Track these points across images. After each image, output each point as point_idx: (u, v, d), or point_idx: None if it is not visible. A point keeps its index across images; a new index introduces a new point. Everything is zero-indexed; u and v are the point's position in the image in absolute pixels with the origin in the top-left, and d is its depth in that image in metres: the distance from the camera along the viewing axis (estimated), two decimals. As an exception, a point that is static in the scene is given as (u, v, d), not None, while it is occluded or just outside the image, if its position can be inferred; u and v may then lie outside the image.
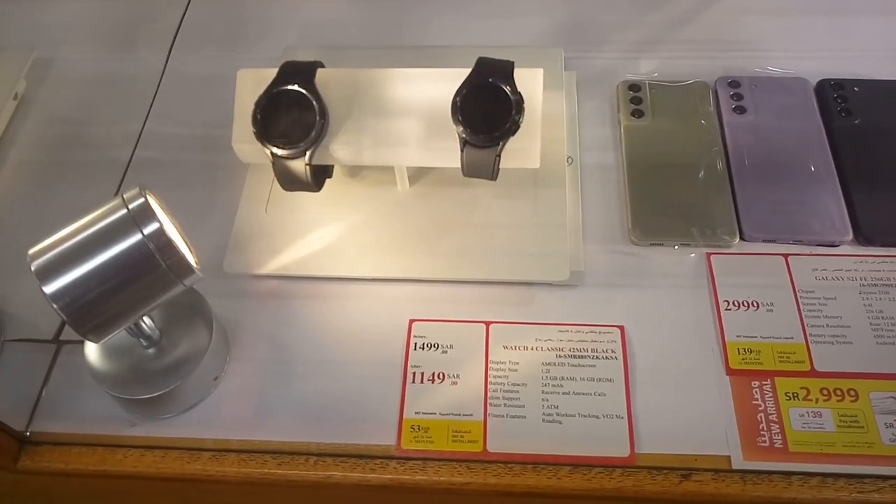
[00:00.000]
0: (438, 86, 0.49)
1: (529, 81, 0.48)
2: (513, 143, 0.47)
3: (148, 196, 0.42)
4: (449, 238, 0.52)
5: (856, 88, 0.60)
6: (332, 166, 0.53)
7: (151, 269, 0.41)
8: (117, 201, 0.41)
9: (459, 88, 0.47)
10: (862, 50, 0.64)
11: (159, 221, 0.41)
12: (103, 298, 0.40)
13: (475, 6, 0.69)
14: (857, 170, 0.55)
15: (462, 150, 0.47)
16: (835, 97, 0.59)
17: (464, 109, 0.46)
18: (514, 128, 0.46)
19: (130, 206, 0.41)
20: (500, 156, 0.46)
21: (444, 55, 0.61)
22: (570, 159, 0.56)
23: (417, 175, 0.55)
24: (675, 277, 0.52)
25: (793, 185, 0.55)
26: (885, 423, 0.46)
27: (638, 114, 0.59)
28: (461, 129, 0.46)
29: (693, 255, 0.53)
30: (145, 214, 0.41)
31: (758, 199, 0.54)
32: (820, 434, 0.45)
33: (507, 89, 0.46)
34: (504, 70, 0.47)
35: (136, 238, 0.40)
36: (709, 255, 0.53)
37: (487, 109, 0.46)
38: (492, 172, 0.47)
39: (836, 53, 0.63)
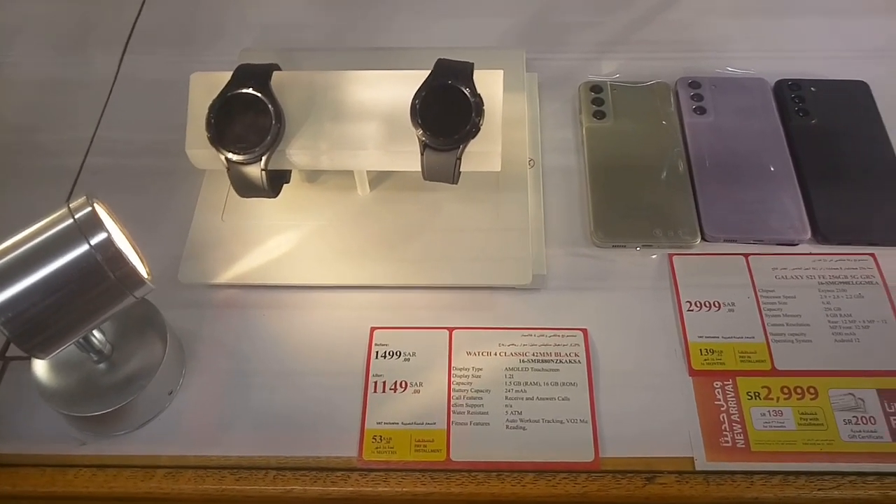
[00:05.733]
0: (397, 88, 0.48)
1: (490, 83, 0.47)
2: (473, 147, 0.46)
3: (96, 205, 0.40)
4: (410, 243, 0.52)
5: (812, 88, 0.60)
6: (290, 171, 0.52)
7: (99, 281, 0.39)
8: (63, 211, 0.40)
9: (418, 91, 0.46)
10: (819, 50, 0.64)
11: (107, 231, 0.39)
12: (49, 313, 0.39)
13: (436, 6, 0.68)
14: (815, 169, 0.56)
15: (422, 154, 0.46)
16: (792, 97, 0.60)
17: (423, 112, 0.45)
18: (474, 130, 0.45)
19: (77, 216, 0.39)
20: (460, 159, 0.46)
21: (403, 57, 0.60)
22: (531, 161, 0.56)
23: (378, 179, 0.54)
24: (637, 279, 0.52)
25: (752, 184, 0.55)
26: (844, 420, 0.46)
27: (599, 115, 0.59)
28: (420, 132, 0.45)
29: (655, 256, 0.53)
30: (92, 224, 0.39)
31: (718, 199, 0.55)
32: (781, 432, 0.46)
33: (467, 91, 0.45)
34: (463, 72, 0.46)
35: (82, 249, 0.39)
36: (671, 255, 0.53)
37: (447, 112, 0.45)
38: (453, 176, 0.47)
39: (794, 53, 0.64)
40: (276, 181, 0.50)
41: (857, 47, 0.64)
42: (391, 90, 0.48)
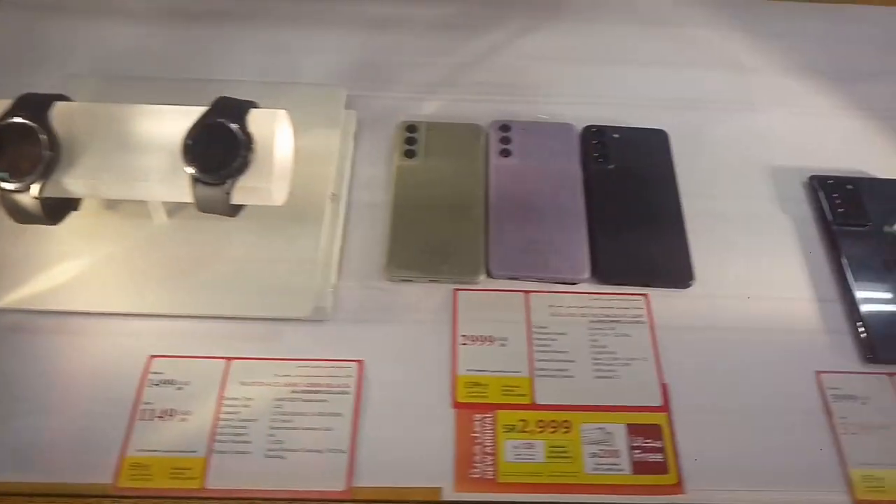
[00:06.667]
0: (180, 122, 0.49)
1: (267, 122, 0.49)
2: (246, 182, 0.48)
3: None
4: (198, 273, 0.53)
5: (615, 135, 0.64)
6: (79, 200, 0.53)
7: None
8: None
9: (190, 127, 0.47)
10: (631, 98, 0.68)
11: None
12: None
13: (275, 42, 0.70)
14: (603, 212, 0.59)
15: (192, 188, 0.47)
16: (594, 143, 0.63)
17: (193, 148, 0.47)
18: (241, 167, 0.47)
19: None
20: (230, 194, 0.47)
21: (226, 89, 0.61)
22: (334, 196, 0.58)
23: (177, 208, 0.55)
24: (421, 313, 0.54)
25: (543, 225, 0.58)
26: (591, 453, 0.49)
27: (410, 154, 0.62)
28: (190, 167, 0.47)
29: (442, 291, 0.55)
30: None
31: (508, 238, 0.57)
32: (530, 465, 0.48)
33: (236, 129, 0.47)
34: (238, 110, 0.48)
35: None
36: (456, 291, 0.55)
37: (216, 148, 0.47)
38: (226, 209, 0.48)
39: (608, 101, 0.68)
40: (57, 209, 0.50)
41: (665, 96, 0.68)
42: (174, 124, 0.49)
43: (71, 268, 0.52)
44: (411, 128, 0.63)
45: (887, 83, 0.70)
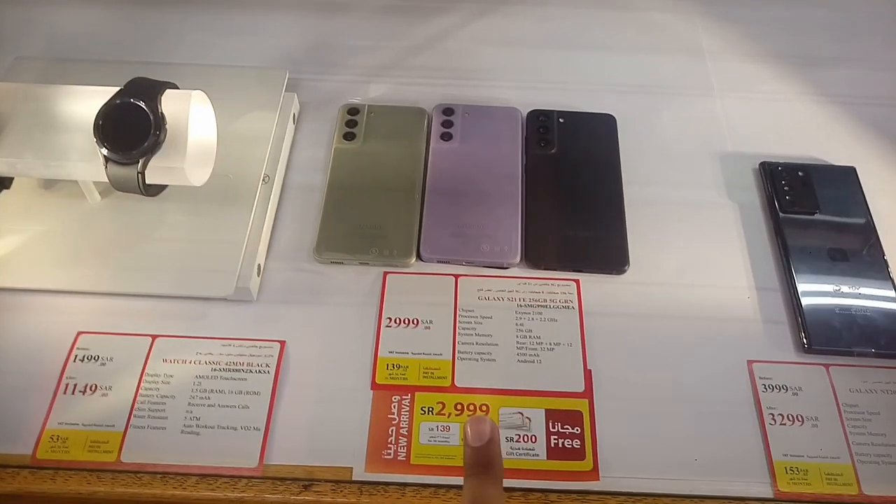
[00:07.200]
0: (101, 103, 0.50)
1: (181, 102, 0.49)
2: (160, 162, 0.48)
3: None
4: (129, 251, 0.53)
5: (561, 120, 0.63)
6: (10, 179, 0.54)
7: None
8: None
9: (102, 106, 0.48)
10: (587, 83, 0.67)
11: None
12: None
13: (226, 25, 0.70)
14: (539, 197, 0.59)
15: (105, 167, 0.48)
16: (538, 128, 0.63)
17: (104, 127, 0.48)
18: (153, 146, 0.47)
19: None
20: (142, 173, 0.48)
21: (170, 72, 0.62)
22: (266, 178, 0.58)
23: (110, 188, 0.56)
24: (349, 295, 0.54)
25: (478, 209, 0.58)
26: (507, 437, 0.48)
27: (350, 136, 0.62)
28: (102, 146, 0.48)
29: (372, 274, 0.55)
30: None
31: (442, 221, 0.57)
32: (444, 447, 0.48)
33: (148, 109, 0.47)
34: (151, 90, 0.49)
35: None
36: (386, 273, 0.55)
37: (128, 128, 0.47)
38: (141, 189, 0.49)
39: (564, 86, 0.67)
40: (-15, 187, 0.51)
41: (620, 81, 0.67)
42: (95, 105, 0.49)
43: (4, 245, 0.53)
44: (353, 111, 0.63)
45: (846, 68, 0.68)
